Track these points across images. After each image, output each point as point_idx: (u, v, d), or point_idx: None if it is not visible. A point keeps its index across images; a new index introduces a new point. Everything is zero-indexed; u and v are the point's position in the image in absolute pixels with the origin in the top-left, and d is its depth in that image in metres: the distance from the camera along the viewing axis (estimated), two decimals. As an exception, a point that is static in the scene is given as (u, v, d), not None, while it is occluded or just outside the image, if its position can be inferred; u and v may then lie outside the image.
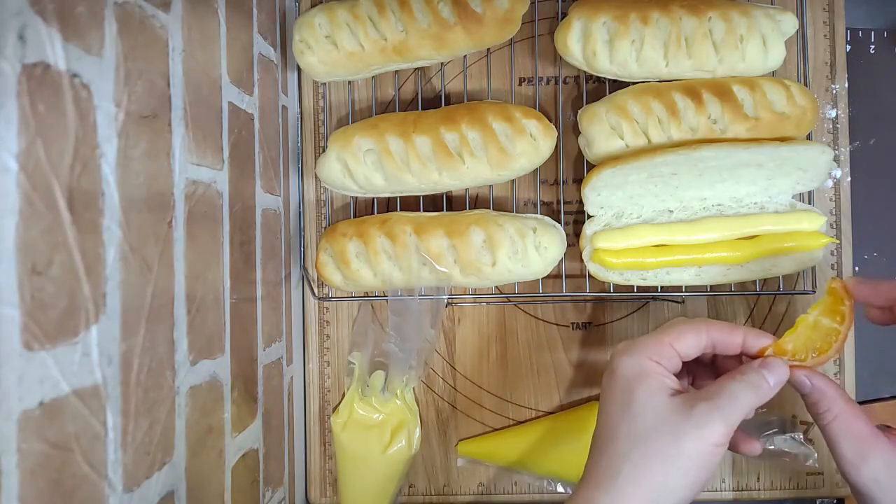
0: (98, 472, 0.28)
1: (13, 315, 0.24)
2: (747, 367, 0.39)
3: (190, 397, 0.37)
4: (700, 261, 0.52)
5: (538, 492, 0.59)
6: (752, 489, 0.58)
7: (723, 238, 0.51)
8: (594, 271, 0.53)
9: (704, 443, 0.36)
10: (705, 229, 0.51)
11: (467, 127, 0.52)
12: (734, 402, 0.37)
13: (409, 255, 0.52)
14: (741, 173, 0.51)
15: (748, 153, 0.49)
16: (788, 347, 0.42)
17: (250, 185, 0.48)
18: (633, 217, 0.53)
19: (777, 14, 0.52)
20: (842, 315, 0.43)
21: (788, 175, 0.51)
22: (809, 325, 0.44)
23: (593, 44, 0.51)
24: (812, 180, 0.52)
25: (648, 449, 0.36)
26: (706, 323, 0.41)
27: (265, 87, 0.51)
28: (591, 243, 0.52)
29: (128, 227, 0.30)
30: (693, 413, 0.36)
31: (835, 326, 0.43)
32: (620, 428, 0.38)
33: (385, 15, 0.51)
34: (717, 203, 0.53)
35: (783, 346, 0.42)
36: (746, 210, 0.52)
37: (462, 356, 0.59)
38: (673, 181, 0.51)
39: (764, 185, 0.52)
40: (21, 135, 0.24)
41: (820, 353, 0.43)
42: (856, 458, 0.39)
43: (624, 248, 0.51)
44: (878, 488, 0.39)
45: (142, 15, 0.32)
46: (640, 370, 0.39)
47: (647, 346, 0.40)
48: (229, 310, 0.43)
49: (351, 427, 0.57)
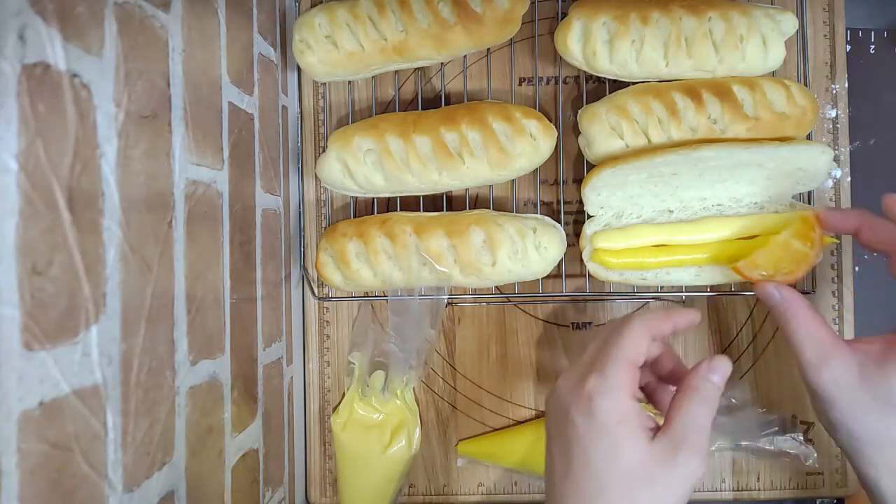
0: (98, 472, 0.28)
1: (13, 315, 0.24)
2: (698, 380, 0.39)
3: (190, 397, 0.37)
4: (700, 261, 0.52)
5: (538, 492, 0.59)
6: (752, 489, 0.58)
7: (722, 238, 0.51)
8: (594, 271, 0.53)
9: (691, 482, 0.37)
10: (705, 229, 0.51)
11: (467, 127, 0.52)
12: (702, 430, 0.37)
13: (409, 255, 0.52)
14: (741, 173, 0.51)
15: (748, 153, 0.49)
16: (759, 262, 0.46)
17: (250, 185, 0.48)
18: (633, 217, 0.53)
19: (777, 14, 0.52)
20: (812, 241, 0.47)
21: (788, 175, 0.51)
22: (780, 244, 0.47)
23: (593, 44, 0.51)
24: (812, 180, 0.52)
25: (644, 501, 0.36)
26: (646, 325, 0.40)
27: (265, 87, 0.51)
28: (591, 243, 0.52)
29: (128, 227, 0.30)
30: (677, 462, 0.36)
31: (805, 250, 0.47)
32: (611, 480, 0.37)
33: (385, 15, 0.52)
34: (717, 203, 0.53)
35: (755, 259, 0.46)
36: (746, 210, 0.52)
37: (462, 356, 0.59)
38: (673, 181, 0.51)
39: (764, 185, 0.52)
40: (21, 135, 0.24)
41: (788, 273, 0.46)
42: (819, 361, 0.41)
43: (624, 248, 0.51)
44: (837, 390, 0.41)
45: (142, 15, 0.32)
46: (621, 414, 0.37)
47: (618, 377, 0.38)
48: (229, 310, 0.43)
49: (351, 427, 0.57)
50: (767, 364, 0.58)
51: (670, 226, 0.52)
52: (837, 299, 0.58)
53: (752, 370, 0.58)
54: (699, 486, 0.58)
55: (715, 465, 0.58)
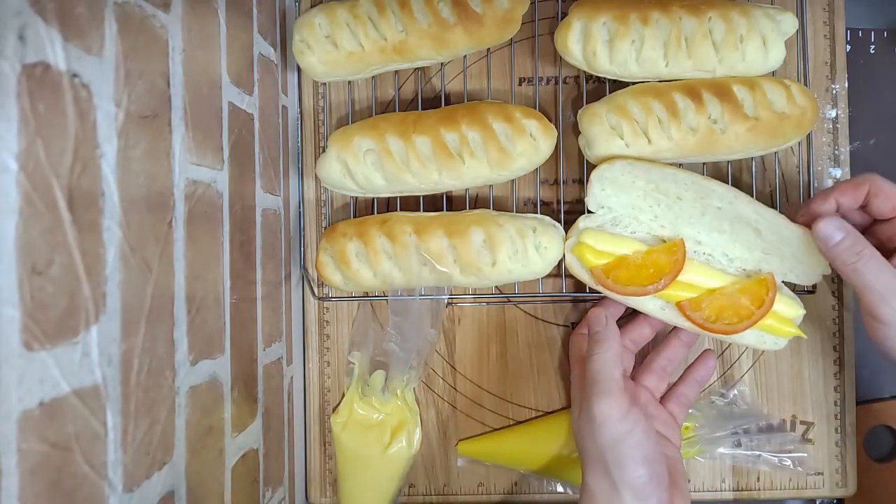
0: (98, 472, 0.28)
1: (13, 315, 0.24)
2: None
3: (190, 397, 0.37)
4: (668, 296, 0.50)
5: (538, 492, 0.59)
6: (752, 489, 0.58)
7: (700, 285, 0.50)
8: (569, 263, 0.52)
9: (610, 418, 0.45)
10: (689, 271, 0.50)
11: (467, 127, 0.52)
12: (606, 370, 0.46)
13: (409, 255, 0.52)
14: (739, 231, 0.50)
15: (751, 208, 0.49)
16: (703, 305, 0.49)
17: (250, 185, 0.48)
18: (628, 231, 0.52)
19: (777, 14, 0.52)
20: (761, 302, 0.49)
21: (784, 258, 0.50)
22: (727, 294, 0.50)
23: (593, 44, 0.51)
24: (806, 276, 0.50)
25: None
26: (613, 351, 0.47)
27: (265, 87, 0.51)
28: (578, 236, 0.52)
29: (128, 227, 0.30)
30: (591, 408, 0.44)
31: (751, 309, 0.49)
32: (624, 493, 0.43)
33: (385, 15, 0.51)
34: (708, 252, 0.51)
35: (699, 302, 0.49)
36: (733, 272, 0.51)
37: (462, 356, 0.59)
38: (675, 206, 0.51)
39: (758, 257, 0.51)
40: (21, 135, 0.24)
41: (729, 324, 0.49)
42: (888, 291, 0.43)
43: (606, 252, 0.51)
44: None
45: (142, 15, 0.32)
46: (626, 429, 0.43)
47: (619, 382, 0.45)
48: (229, 310, 0.43)
49: (351, 427, 0.57)
50: (767, 364, 0.58)
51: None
52: (837, 299, 0.58)
53: (752, 370, 0.58)
54: (699, 486, 0.58)
55: (715, 465, 0.58)
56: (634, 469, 0.42)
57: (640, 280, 0.49)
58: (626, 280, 0.50)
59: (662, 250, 0.50)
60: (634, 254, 0.50)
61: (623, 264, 0.50)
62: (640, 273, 0.50)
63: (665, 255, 0.50)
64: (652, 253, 0.50)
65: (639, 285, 0.49)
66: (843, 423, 0.58)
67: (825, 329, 0.58)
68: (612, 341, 0.47)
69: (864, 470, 0.58)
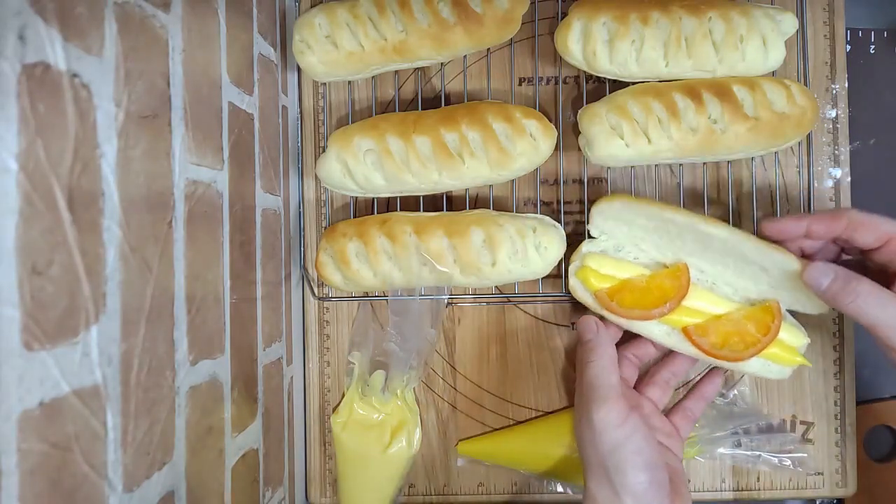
0: (98, 472, 0.28)
1: (13, 315, 0.24)
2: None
3: (190, 397, 0.37)
4: (673, 321, 0.50)
5: (538, 492, 0.59)
6: (752, 489, 0.58)
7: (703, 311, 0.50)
8: (573, 286, 0.52)
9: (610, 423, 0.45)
10: (693, 296, 0.50)
11: (467, 127, 0.52)
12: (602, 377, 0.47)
13: (409, 255, 0.52)
14: (743, 268, 0.50)
15: (755, 250, 0.48)
16: (709, 331, 0.48)
17: (250, 185, 0.48)
18: (631, 256, 0.52)
19: (777, 14, 0.52)
20: (767, 329, 0.48)
21: (791, 291, 0.49)
22: (733, 321, 0.49)
23: (593, 44, 0.51)
24: (813, 305, 0.49)
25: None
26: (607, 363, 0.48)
27: (265, 87, 0.51)
28: (581, 260, 0.52)
29: (128, 227, 0.30)
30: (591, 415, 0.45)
31: (756, 336, 0.48)
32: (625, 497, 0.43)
33: (385, 15, 0.51)
34: (712, 280, 0.51)
35: (705, 328, 0.49)
36: (738, 300, 0.51)
37: (462, 356, 0.59)
38: (678, 241, 0.50)
39: (765, 288, 0.50)
40: (21, 135, 0.24)
41: (735, 352, 0.48)
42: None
43: (609, 276, 0.51)
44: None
45: (142, 15, 0.32)
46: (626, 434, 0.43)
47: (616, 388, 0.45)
48: (229, 310, 0.43)
49: (351, 427, 0.57)
50: (767, 364, 0.58)
51: None
52: (837, 299, 0.58)
53: (752, 370, 0.58)
54: (699, 486, 0.58)
55: (715, 465, 0.58)
56: (635, 475, 0.42)
57: (644, 304, 0.49)
58: (631, 303, 0.49)
59: (666, 274, 0.50)
60: (638, 277, 0.50)
61: (627, 288, 0.50)
62: (644, 297, 0.49)
63: (669, 280, 0.49)
64: (656, 277, 0.50)
65: (643, 309, 0.49)
66: (843, 423, 0.58)
67: (825, 329, 0.58)
68: (605, 347, 0.47)
69: (864, 470, 0.58)
